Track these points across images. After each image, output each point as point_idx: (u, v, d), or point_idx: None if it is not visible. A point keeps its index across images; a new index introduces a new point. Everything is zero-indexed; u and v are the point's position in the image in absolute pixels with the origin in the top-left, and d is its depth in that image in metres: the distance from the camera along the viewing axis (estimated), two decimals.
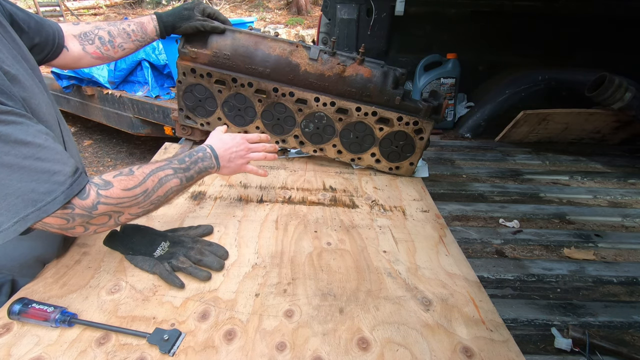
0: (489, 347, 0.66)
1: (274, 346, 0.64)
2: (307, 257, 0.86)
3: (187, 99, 1.27)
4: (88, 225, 0.65)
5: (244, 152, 0.94)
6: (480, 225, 1.80)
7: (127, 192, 0.68)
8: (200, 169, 0.84)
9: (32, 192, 0.57)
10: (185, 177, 0.80)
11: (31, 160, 0.56)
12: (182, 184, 0.79)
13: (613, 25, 2.83)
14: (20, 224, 0.57)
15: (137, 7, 11.07)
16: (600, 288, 1.41)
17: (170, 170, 0.77)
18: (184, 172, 0.80)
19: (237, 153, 0.93)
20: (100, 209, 0.64)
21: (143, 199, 0.71)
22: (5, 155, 0.54)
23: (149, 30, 1.07)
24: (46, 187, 0.58)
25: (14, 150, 0.55)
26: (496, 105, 2.92)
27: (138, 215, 0.73)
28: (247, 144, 0.96)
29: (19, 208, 0.56)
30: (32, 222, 0.57)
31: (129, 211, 0.70)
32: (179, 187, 0.79)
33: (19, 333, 0.64)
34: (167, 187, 0.76)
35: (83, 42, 0.98)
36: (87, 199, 0.63)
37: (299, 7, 10.25)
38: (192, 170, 0.82)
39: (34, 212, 0.57)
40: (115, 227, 0.71)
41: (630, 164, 2.47)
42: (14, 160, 0.55)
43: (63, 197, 0.59)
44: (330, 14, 2.93)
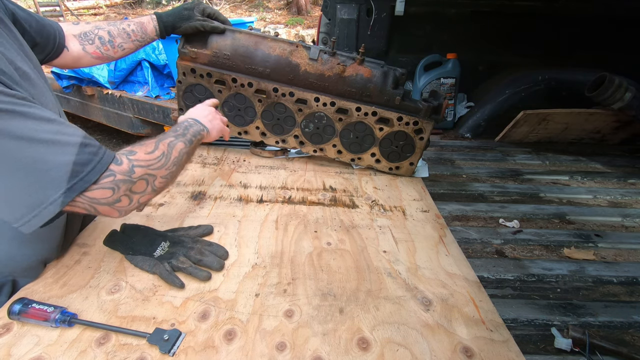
0: (489, 347, 0.66)
1: (274, 346, 0.64)
2: (307, 257, 0.86)
3: (187, 99, 1.27)
4: (131, 194, 0.67)
5: (214, 113, 1.00)
6: (480, 225, 1.80)
7: (149, 155, 0.71)
8: (194, 132, 0.88)
9: (73, 164, 0.58)
10: (187, 140, 0.83)
11: (61, 136, 0.58)
12: (187, 146, 0.82)
13: (613, 25, 2.83)
14: (67, 194, 0.58)
15: (137, 7, 11.07)
16: (600, 288, 1.41)
17: (172, 137, 0.81)
18: (183, 136, 0.83)
19: (211, 115, 0.98)
20: (137, 172, 0.67)
21: (165, 161, 0.74)
22: (37, 133, 0.56)
23: (148, 30, 1.07)
24: (83, 158, 0.60)
25: (44, 127, 0.57)
26: (496, 105, 2.93)
27: (167, 180, 0.75)
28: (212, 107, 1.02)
29: (63, 180, 0.58)
30: (77, 192, 0.59)
31: (160, 174, 0.73)
32: (185, 149, 0.82)
33: (19, 333, 0.64)
34: (178, 149, 0.79)
35: (83, 42, 0.98)
36: (123, 165, 0.65)
37: (299, 7, 10.25)
38: (189, 134, 0.85)
39: (78, 182, 0.59)
40: (153, 195, 0.73)
41: (630, 164, 2.47)
42: (47, 136, 0.57)
43: (101, 165, 0.62)
44: (330, 14, 2.93)
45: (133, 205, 0.69)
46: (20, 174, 0.55)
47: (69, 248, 0.85)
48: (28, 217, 0.58)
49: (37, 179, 0.56)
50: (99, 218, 0.97)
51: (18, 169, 0.55)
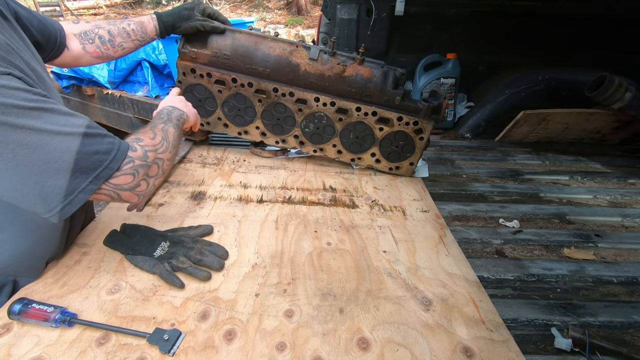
0: (489, 347, 0.66)
1: (274, 346, 0.64)
2: (307, 257, 0.86)
3: (187, 99, 1.26)
4: (148, 178, 0.73)
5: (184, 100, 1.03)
6: (480, 225, 1.80)
7: (153, 140, 0.77)
8: (177, 117, 0.92)
9: (97, 154, 0.63)
10: (174, 124, 0.88)
11: (84, 128, 0.63)
12: (176, 130, 0.87)
13: (613, 25, 2.83)
14: (94, 182, 0.63)
15: (137, 7, 11.07)
16: (600, 288, 1.41)
17: (161, 123, 0.85)
18: (170, 122, 0.87)
19: (183, 102, 1.02)
20: (150, 156, 0.73)
21: (167, 144, 0.79)
22: (64, 126, 0.60)
23: (148, 30, 1.07)
24: (105, 147, 0.65)
25: (68, 120, 0.61)
26: (496, 105, 2.93)
27: (171, 162, 0.81)
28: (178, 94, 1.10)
29: (90, 169, 0.63)
30: (104, 179, 0.64)
31: (165, 157, 0.78)
32: (176, 133, 0.86)
33: (19, 333, 0.64)
34: (172, 133, 0.84)
35: (83, 41, 0.98)
36: (138, 151, 0.71)
37: (299, 7, 10.25)
38: (174, 120, 0.89)
39: (104, 170, 0.64)
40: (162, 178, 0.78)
41: (630, 164, 2.47)
42: (72, 129, 0.61)
43: (120, 152, 0.67)
44: (330, 14, 2.93)
45: (150, 188, 0.75)
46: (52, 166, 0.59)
47: (69, 248, 0.85)
48: (61, 206, 0.61)
49: (67, 170, 0.60)
50: (99, 218, 0.97)
51: (48, 162, 0.58)
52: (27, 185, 0.58)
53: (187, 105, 1.03)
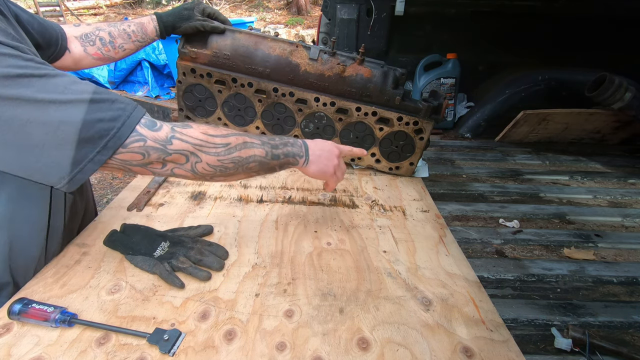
0: (489, 347, 0.66)
1: (274, 346, 0.64)
2: (307, 257, 0.87)
3: (187, 99, 1.27)
4: (165, 162, 0.65)
5: (335, 155, 0.86)
6: (480, 225, 1.80)
7: (206, 136, 0.67)
8: (288, 152, 0.79)
9: (101, 122, 0.58)
10: (272, 153, 0.76)
11: (88, 94, 0.58)
12: (266, 157, 0.75)
13: (613, 25, 2.83)
14: (102, 152, 0.59)
15: (137, 7, 11.07)
16: (600, 288, 1.41)
17: (257, 140, 0.75)
18: (271, 147, 0.76)
19: (329, 153, 0.86)
20: (175, 144, 0.64)
21: (223, 151, 0.68)
22: (63, 94, 0.56)
23: (149, 31, 1.07)
24: (112, 114, 0.59)
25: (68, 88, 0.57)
26: (496, 105, 2.93)
27: (215, 171, 0.70)
28: (338, 150, 0.88)
29: (96, 138, 0.58)
30: (112, 150, 0.59)
31: (207, 160, 0.67)
32: (262, 159, 0.75)
33: (19, 333, 0.64)
34: (251, 152, 0.72)
35: (84, 44, 0.98)
36: (160, 131, 0.63)
37: (299, 7, 10.25)
38: (280, 150, 0.78)
39: (111, 139, 0.59)
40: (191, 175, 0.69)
41: (630, 164, 2.47)
42: (74, 96, 0.57)
43: (131, 120, 0.60)
44: (330, 14, 2.93)
45: (166, 171, 0.67)
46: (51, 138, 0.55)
47: (69, 248, 0.85)
48: (69, 177, 0.59)
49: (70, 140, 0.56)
50: (99, 218, 0.97)
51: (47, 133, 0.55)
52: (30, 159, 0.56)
53: (329, 160, 0.85)
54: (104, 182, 3.63)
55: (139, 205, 1.00)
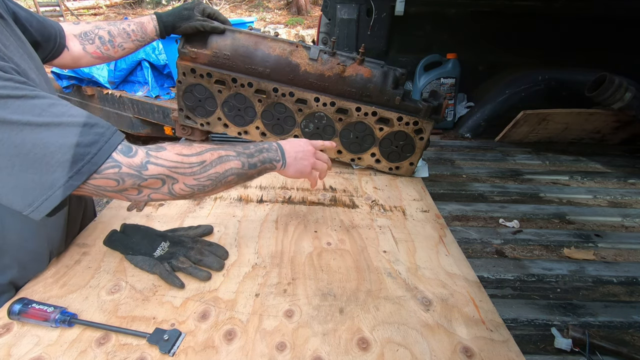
0: (489, 347, 0.66)
1: (274, 346, 0.64)
2: (307, 257, 0.86)
3: (187, 99, 1.27)
4: (141, 188, 0.63)
5: (310, 154, 0.88)
6: (480, 225, 1.80)
7: (181, 157, 0.65)
8: (264, 158, 0.80)
9: (78, 146, 0.56)
10: (249, 162, 0.76)
11: (67, 117, 0.56)
12: (243, 168, 0.75)
13: (613, 25, 2.83)
14: (75, 178, 0.56)
15: (137, 7, 11.07)
16: (600, 288, 1.41)
17: (233, 152, 0.74)
18: (247, 157, 0.76)
19: (305, 153, 0.87)
20: (151, 169, 0.62)
21: (199, 169, 0.67)
22: (40, 116, 0.54)
23: (148, 30, 1.07)
24: (89, 139, 0.57)
25: (46, 111, 0.55)
26: (496, 105, 2.93)
27: (194, 190, 0.68)
28: (313, 148, 0.90)
29: (70, 163, 0.56)
30: (85, 175, 0.57)
31: (184, 180, 0.66)
32: (240, 171, 0.74)
33: (19, 333, 0.64)
34: (227, 167, 0.71)
35: (83, 42, 0.98)
36: (135, 157, 0.61)
37: (299, 7, 10.25)
38: (256, 158, 0.78)
39: (85, 165, 0.57)
40: (170, 198, 0.67)
41: (630, 164, 2.47)
42: (50, 119, 0.55)
43: (108, 145, 0.58)
44: (330, 14, 2.93)
45: (143, 197, 0.65)
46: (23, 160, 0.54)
47: (69, 248, 0.85)
48: (39, 202, 0.56)
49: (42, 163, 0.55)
50: (99, 218, 0.97)
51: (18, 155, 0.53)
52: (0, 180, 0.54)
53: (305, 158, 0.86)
54: None
55: (139, 205, 1.00)
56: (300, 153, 0.86)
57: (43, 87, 0.67)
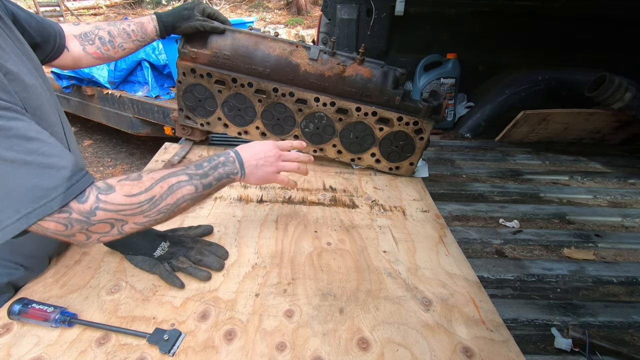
0: (489, 347, 0.66)
1: (274, 346, 0.64)
2: (307, 257, 0.86)
3: (187, 99, 1.27)
4: (89, 233, 0.60)
5: (273, 158, 0.85)
6: (480, 225, 1.80)
7: (129, 198, 0.62)
8: (220, 175, 0.76)
9: (36, 188, 0.54)
10: (202, 184, 0.72)
11: (35, 156, 0.54)
12: (197, 191, 0.71)
13: (613, 25, 2.82)
14: (22, 221, 0.54)
15: (137, 7, 11.08)
16: (600, 288, 1.41)
17: (185, 176, 0.70)
18: (200, 178, 0.72)
19: (267, 159, 0.84)
20: (99, 215, 0.59)
21: (149, 207, 0.64)
22: (8, 151, 0.52)
23: (148, 30, 1.07)
24: (51, 183, 0.55)
25: (17, 145, 0.53)
26: (496, 105, 2.92)
27: (145, 225, 0.66)
28: (278, 151, 0.87)
29: (22, 204, 0.54)
30: (34, 219, 0.54)
31: (134, 220, 0.64)
32: (193, 195, 0.71)
33: (19, 333, 0.64)
34: (179, 195, 0.68)
35: (83, 43, 0.98)
36: (85, 203, 0.58)
37: (299, 7, 10.25)
38: (211, 176, 0.74)
39: (37, 208, 0.54)
40: (120, 237, 0.65)
41: (630, 164, 2.47)
42: (18, 156, 0.53)
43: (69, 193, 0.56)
44: (330, 14, 2.93)
45: (92, 241, 0.62)
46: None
47: (69, 248, 0.85)
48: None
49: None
50: None
51: None
52: None
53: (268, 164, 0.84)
54: None
55: None
56: (261, 160, 0.83)
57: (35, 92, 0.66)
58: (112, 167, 3.90)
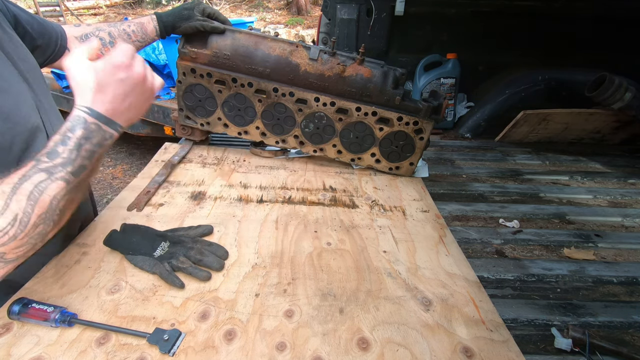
0: (489, 347, 0.66)
1: (274, 346, 0.64)
2: (307, 257, 0.86)
3: (187, 99, 1.27)
4: None
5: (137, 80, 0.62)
6: (480, 225, 1.80)
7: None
8: (89, 152, 0.58)
9: None
10: (71, 172, 0.56)
11: None
12: (70, 184, 0.57)
13: (613, 25, 2.83)
14: None
15: (137, 7, 11.08)
16: (600, 288, 1.41)
17: (41, 174, 0.54)
18: (63, 167, 0.56)
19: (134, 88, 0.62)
20: None
21: (18, 229, 0.52)
22: None
23: (148, 31, 1.07)
24: None
25: None
26: (496, 105, 2.93)
27: (29, 246, 0.55)
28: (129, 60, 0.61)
29: None
30: None
31: (9, 248, 0.53)
32: (68, 189, 0.57)
33: (19, 333, 0.64)
34: (47, 199, 0.54)
35: (84, 44, 0.98)
36: None
37: (299, 7, 10.25)
38: (79, 159, 0.57)
39: None
40: (14, 265, 0.56)
41: (630, 164, 2.47)
42: None
43: None
44: (330, 14, 2.93)
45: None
46: None
47: (69, 248, 0.85)
48: None
49: None
50: (99, 218, 0.97)
51: None
52: None
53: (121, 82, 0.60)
54: (104, 182, 3.63)
55: (139, 205, 1.00)
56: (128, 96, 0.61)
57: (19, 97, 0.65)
58: (112, 167, 3.90)
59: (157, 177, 1.14)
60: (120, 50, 0.61)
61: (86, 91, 0.59)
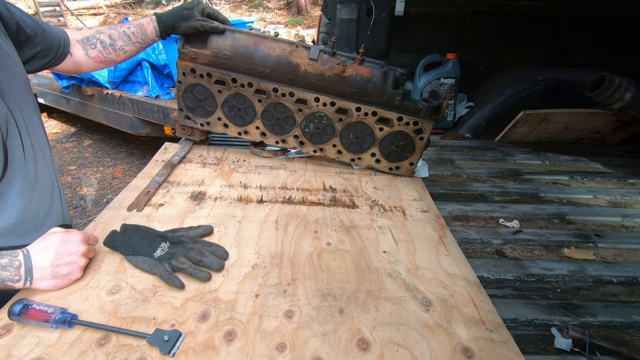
0: (489, 348, 0.66)
1: (274, 347, 0.64)
2: (307, 258, 0.86)
3: (187, 99, 1.27)
4: None
5: (78, 255, 0.72)
6: (480, 225, 1.80)
7: None
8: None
9: None
10: None
11: None
12: None
13: (613, 25, 2.83)
14: None
15: (137, 7, 11.07)
16: (600, 288, 1.41)
17: None
18: None
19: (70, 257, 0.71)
20: None
21: None
22: None
23: (148, 32, 1.07)
24: None
25: None
26: (496, 105, 2.93)
27: None
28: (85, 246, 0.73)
29: None
30: None
31: None
32: None
33: (20, 334, 0.64)
34: None
35: (85, 47, 1.01)
36: None
37: (299, 7, 10.25)
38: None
39: None
40: None
41: (630, 164, 2.47)
42: None
43: None
44: (330, 14, 2.93)
45: None
46: None
47: None
48: None
49: None
50: (99, 218, 0.97)
51: None
52: None
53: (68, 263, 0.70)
54: (104, 182, 3.63)
55: (139, 206, 1.00)
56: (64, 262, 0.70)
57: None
58: (112, 167, 3.91)
59: (157, 177, 1.14)
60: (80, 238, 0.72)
61: (43, 249, 0.69)
